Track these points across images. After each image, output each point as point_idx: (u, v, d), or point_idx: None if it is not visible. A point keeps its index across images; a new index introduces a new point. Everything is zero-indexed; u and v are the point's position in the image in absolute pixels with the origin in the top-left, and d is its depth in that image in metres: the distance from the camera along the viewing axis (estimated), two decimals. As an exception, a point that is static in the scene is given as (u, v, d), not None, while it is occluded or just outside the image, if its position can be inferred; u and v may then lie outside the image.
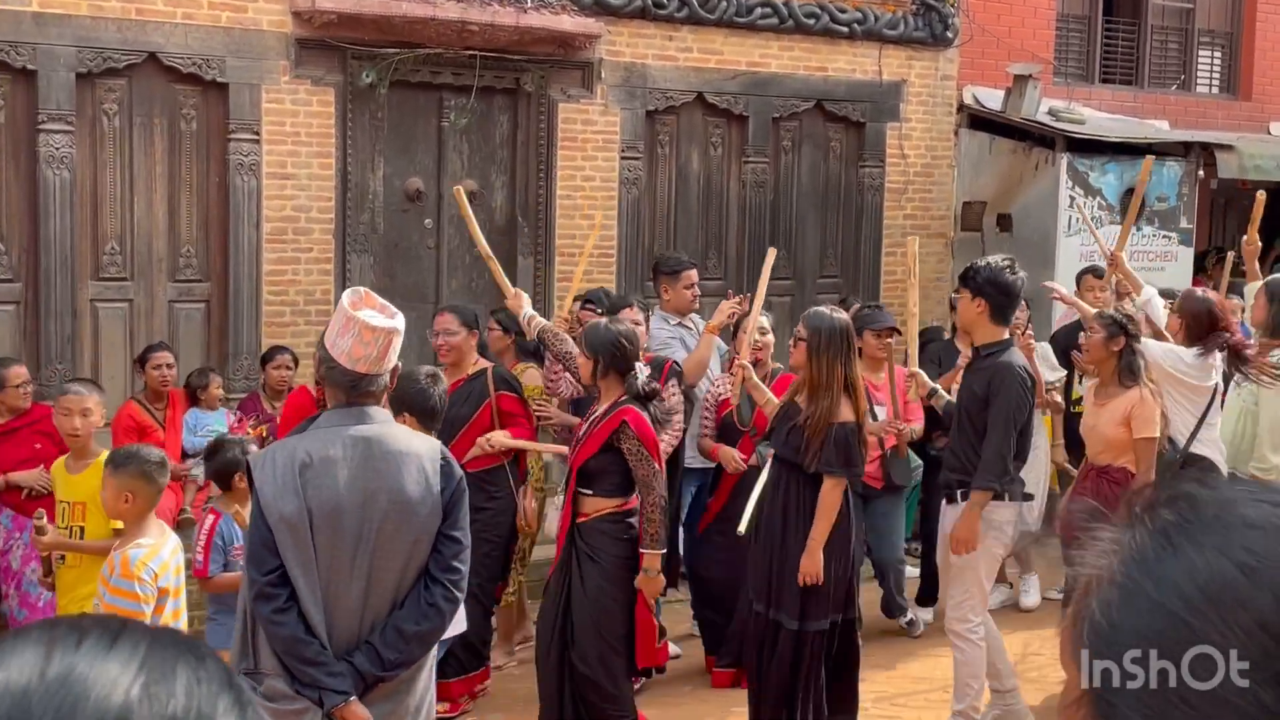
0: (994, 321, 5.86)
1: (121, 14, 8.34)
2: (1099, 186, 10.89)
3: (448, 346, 6.56)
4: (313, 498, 3.68)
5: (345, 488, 3.71)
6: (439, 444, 4.04)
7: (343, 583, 3.73)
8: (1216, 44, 13.43)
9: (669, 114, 10.26)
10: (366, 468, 3.75)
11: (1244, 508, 0.99)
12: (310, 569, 3.69)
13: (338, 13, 8.69)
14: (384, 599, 3.80)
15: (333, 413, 3.85)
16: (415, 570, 3.83)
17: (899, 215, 11.13)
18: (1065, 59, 12.48)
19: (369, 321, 3.75)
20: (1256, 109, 13.31)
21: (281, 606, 3.68)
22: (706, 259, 10.52)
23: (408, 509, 3.78)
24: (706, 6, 10.13)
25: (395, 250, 9.45)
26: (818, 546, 5.66)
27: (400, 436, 3.88)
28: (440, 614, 3.85)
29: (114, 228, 8.60)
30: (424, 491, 3.81)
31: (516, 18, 9.19)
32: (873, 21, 10.80)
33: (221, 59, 8.62)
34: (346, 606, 3.75)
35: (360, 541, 3.73)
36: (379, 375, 3.82)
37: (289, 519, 3.67)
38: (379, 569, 3.76)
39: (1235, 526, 0.97)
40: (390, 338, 3.79)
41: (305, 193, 8.97)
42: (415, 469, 3.80)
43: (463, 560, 3.91)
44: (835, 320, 5.73)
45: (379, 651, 3.76)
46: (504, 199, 9.79)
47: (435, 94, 9.43)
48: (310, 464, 3.70)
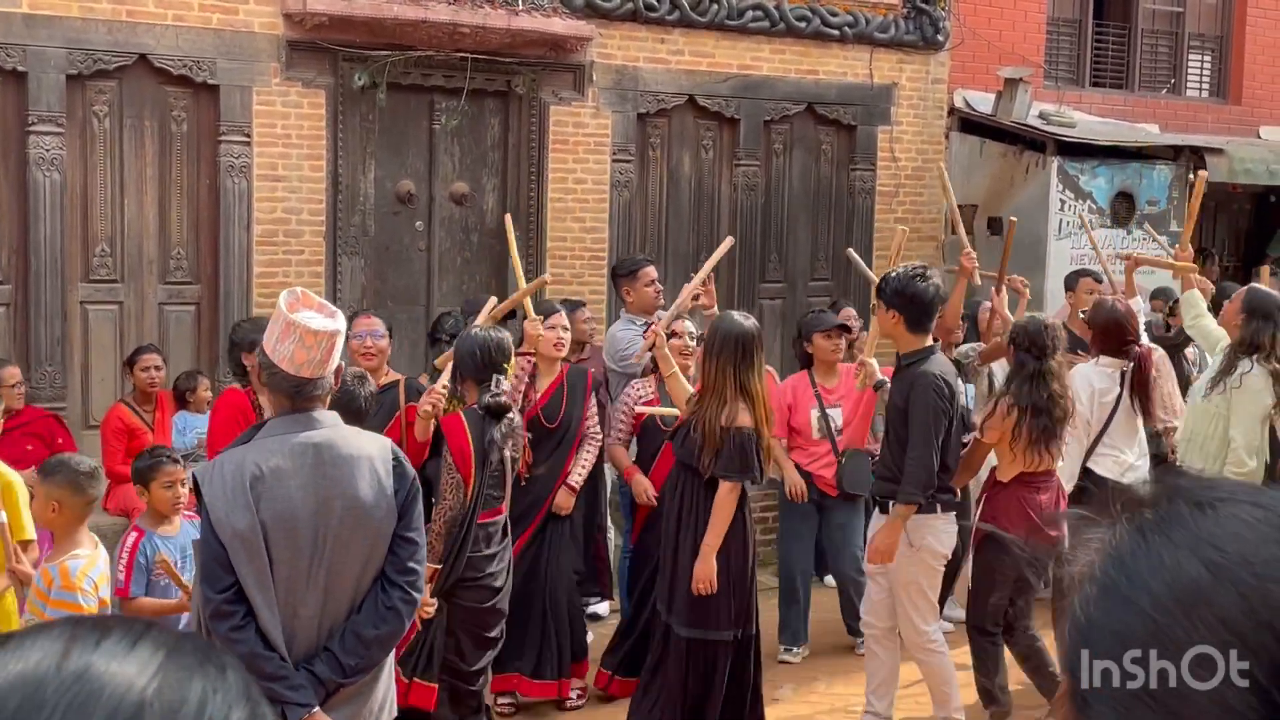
0: (912, 331, 5.79)
1: (112, 15, 8.33)
2: (1089, 190, 10.91)
3: (376, 350, 6.37)
4: (266, 510, 3.60)
5: (298, 498, 3.64)
6: (390, 443, 3.96)
7: (300, 592, 3.67)
8: (1206, 48, 13.47)
9: (660, 117, 10.26)
10: (318, 475, 3.67)
11: (1220, 507, 1.00)
12: (266, 583, 3.62)
13: (329, 15, 8.69)
14: (341, 604, 3.75)
15: (279, 420, 3.76)
16: (372, 574, 3.78)
17: (890, 218, 11.13)
18: (1056, 62, 12.50)
19: (310, 325, 3.65)
20: (1246, 112, 13.34)
21: (238, 624, 3.61)
22: (697, 261, 10.50)
23: (363, 513, 3.72)
24: (698, 9, 10.14)
25: (386, 253, 9.45)
26: (711, 552, 5.59)
27: (350, 439, 3.79)
28: (399, 616, 3.80)
29: (104, 230, 8.58)
30: (378, 494, 3.74)
31: (508, 20, 9.19)
32: (864, 25, 10.81)
33: (212, 61, 8.61)
34: (305, 615, 3.69)
35: (316, 550, 3.67)
36: (323, 378, 3.73)
37: (242, 534, 3.59)
38: (336, 575, 3.71)
39: (1207, 525, 0.98)
40: (333, 339, 3.69)
41: (296, 195, 8.96)
42: (368, 471, 3.73)
43: (419, 561, 3.86)
44: (737, 326, 5.63)
45: (339, 658, 3.71)
46: (495, 201, 9.78)
47: (426, 96, 9.42)
48: (261, 476, 3.61)
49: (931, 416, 5.68)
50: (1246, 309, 6.87)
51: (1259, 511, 0.99)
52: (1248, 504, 1.00)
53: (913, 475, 5.73)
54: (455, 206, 9.65)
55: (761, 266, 10.76)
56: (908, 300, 5.74)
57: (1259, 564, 0.95)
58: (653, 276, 7.74)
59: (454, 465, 5.39)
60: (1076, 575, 1.03)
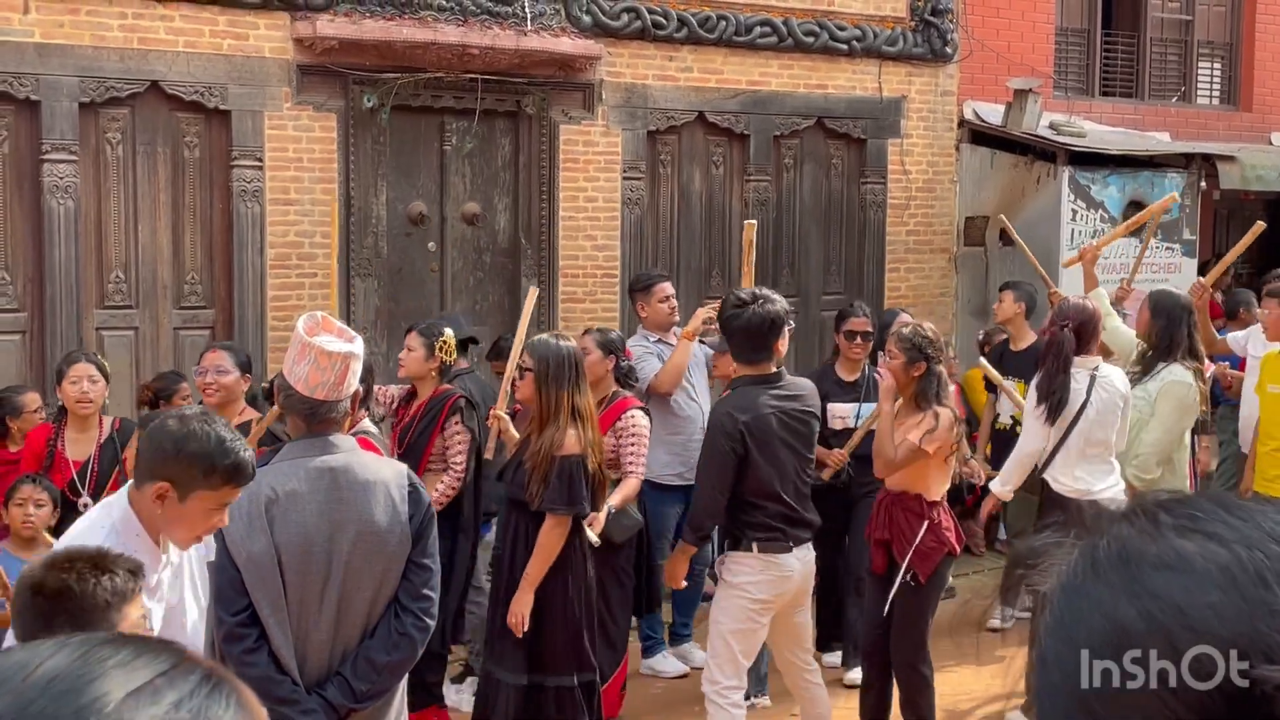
0: (739, 361, 5.57)
1: (123, 44, 8.38)
2: (1101, 199, 10.90)
3: (217, 386, 6.01)
4: (280, 534, 3.62)
5: (313, 522, 3.65)
6: (405, 468, 3.96)
7: (312, 617, 3.69)
8: (1216, 55, 13.45)
9: (670, 134, 10.29)
10: (333, 499, 3.69)
11: (1170, 540, 0.96)
12: (280, 606, 3.63)
13: (339, 39, 8.73)
14: (354, 629, 3.75)
15: (295, 444, 3.79)
16: (385, 599, 3.78)
17: (901, 231, 11.14)
18: (1065, 72, 12.50)
19: (325, 347, 3.68)
20: (1257, 119, 13.31)
21: (251, 647, 3.63)
22: (710, 278, 10.54)
23: (377, 539, 3.72)
24: (706, 26, 10.17)
25: (399, 275, 9.47)
26: (530, 586, 5.34)
27: (367, 464, 3.81)
28: (412, 643, 3.80)
29: (118, 256, 8.62)
30: (392, 520, 3.75)
31: (517, 41, 9.23)
32: (872, 38, 10.83)
33: (223, 86, 8.66)
34: (317, 640, 3.70)
35: (330, 575, 3.68)
36: (338, 401, 3.74)
37: (257, 557, 3.61)
38: (349, 600, 3.71)
39: (1148, 564, 0.95)
40: (348, 362, 3.72)
41: (308, 218, 8.99)
42: (383, 497, 3.74)
43: (433, 587, 3.85)
44: (562, 348, 5.44)
45: (350, 683, 3.71)
46: (507, 221, 9.81)
47: (437, 118, 9.46)
48: (276, 499, 3.64)
49: (715, 458, 5.40)
50: (1153, 311, 6.79)
51: (1210, 546, 0.95)
52: (1202, 535, 0.96)
53: (694, 517, 5.56)
54: (467, 227, 9.68)
55: (774, 281, 10.75)
56: (727, 331, 5.56)
57: (1192, 614, 0.91)
58: (668, 292, 7.76)
59: None
60: (1041, 600, 1.01)
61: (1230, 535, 0.95)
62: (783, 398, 5.54)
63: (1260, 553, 0.94)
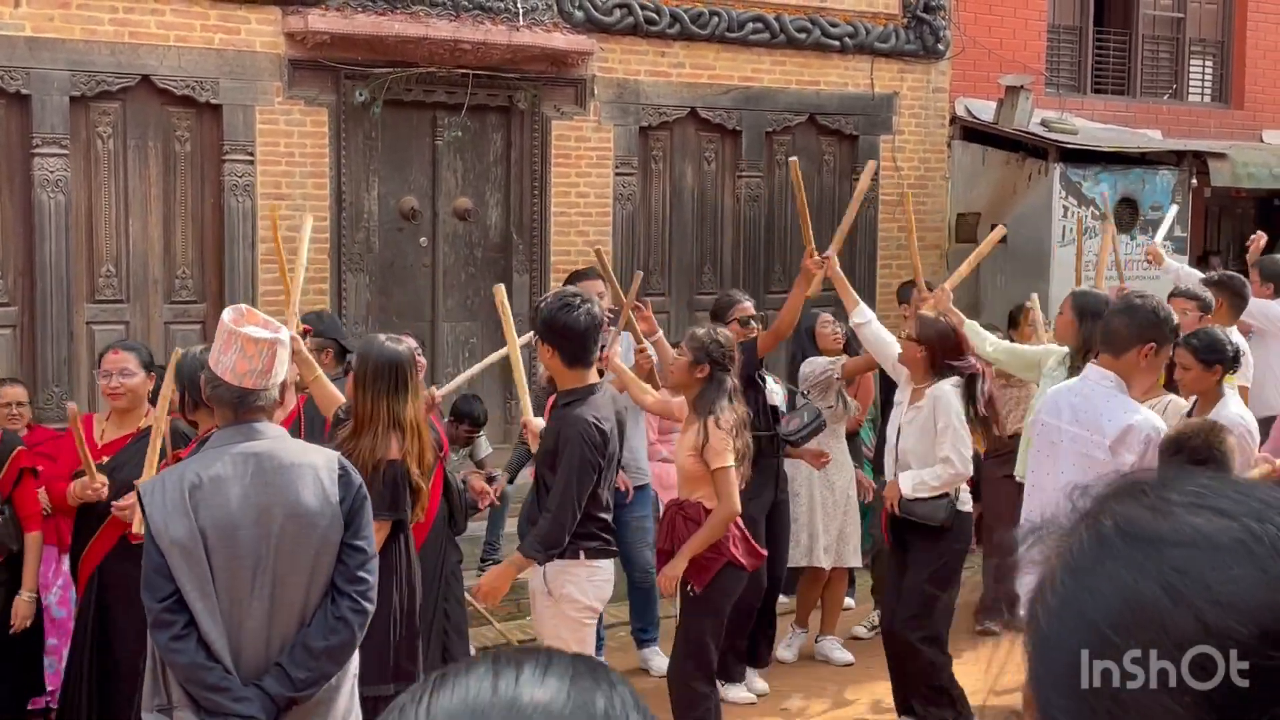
0: (570, 366, 5.18)
1: (114, 37, 8.37)
2: (1092, 196, 10.91)
3: (123, 389, 5.69)
4: (205, 518, 3.60)
5: (238, 505, 3.64)
6: (337, 454, 3.95)
7: (244, 603, 3.65)
8: (1208, 53, 13.48)
9: (662, 129, 10.29)
10: (259, 483, 3.67)
11: (1182, 517, 0.97)
12: (208, 591, 3.60)
13: (330, 33, 8.73)
14: (290, 617, 3.71)
15: (222, 431, 3.79)
16: (321, 585, 3.75)
17: (893, 227, 11.15)
18: (1057, 70, 12.51)
19: (251, 334, 3.70)
20: (1249, 117, 13.34)
21: (179, 633, 3.59)
22: (701, 273, 10.55)
23: (306, 522, 3.70)
24: (698, 22, 10.17)
25: (390, 269, 9.47)
26: None
27: (293, 449, 3.81)
28: (349, 626, 3.76)
29: (109, 250, 8.61)
30: (321, 502, 3.72)
31: (509, 36, 9.23)
32: (864, 35, 10.84)
33: (215, 81, 8.65)
34: (251, 628, 3.66)
35: (259, 559, 3.65)
36: (266, 390, 3.75)
37: (180, 542, 3.58)
38: (282, 586, 3.68)
39: (1167, 541, 0.96)
40: (274, 349, 3.73)
41: (300, 213, 8.96)
42: (311, 480, 3.72)
43: (369, 570, 3.82)
44: (389, 351, 4.99)
45: (288, 671, 3.66)
46: (498, 216, 9.81)
47: (429, 113, 9.45)
48: (200, 484, 3.63)
49: (578, 469, 5.10)
50: (1077, 313, 6.56)
51: (1222, 521, 0.96)
52: (1211, 511, 0.97)
53: (543, 532, 5.15)
54: (459, 222, 9.68)
55: (766, 277, 10.77)
56: (558, 333, 5.13)
57: (1217, 589, 0.93)
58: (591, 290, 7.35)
59: None
60: (1040, 578, 1.01)
61: (1238, 509, 0.97)
62: (614, 399, 5.45)
63: (1271, 525, 0.96)
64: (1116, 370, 5.00)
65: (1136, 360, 5.01)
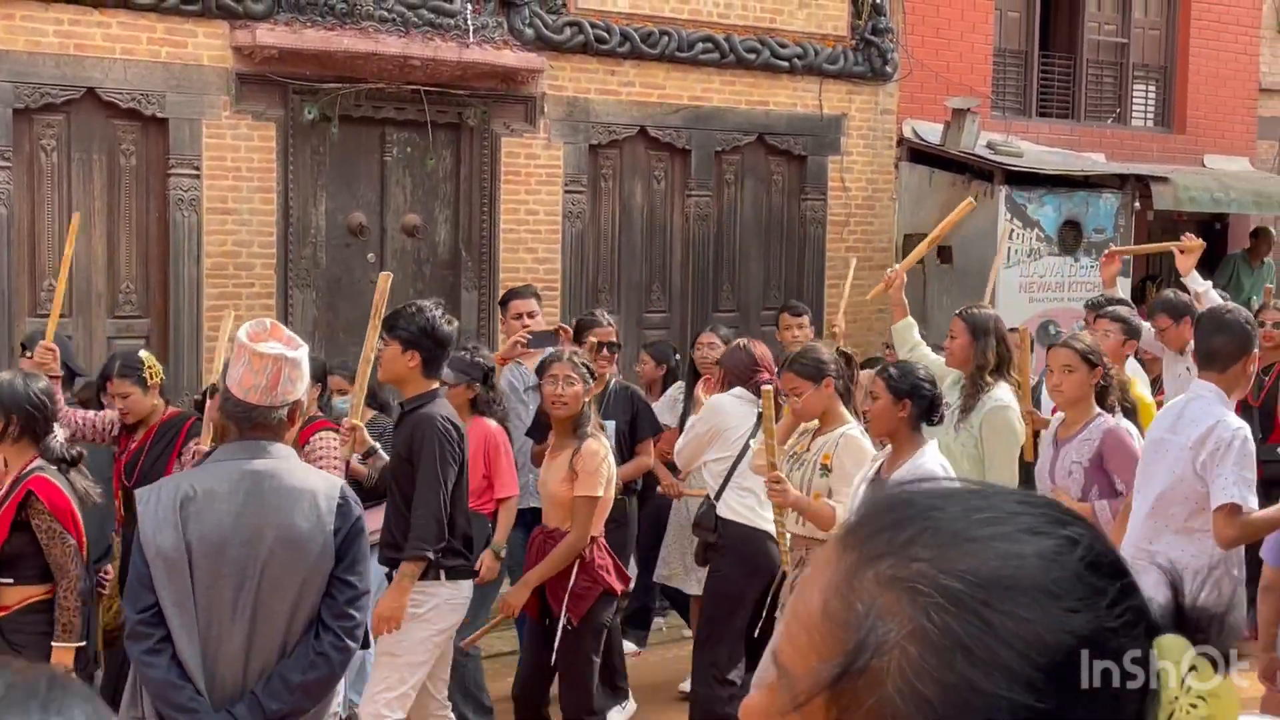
0: (426, 374, 5.20)
1: (59, 49, 8.29)
2: (1037, 218, 11.03)
3: None
4: (193, 532, 3.51)
5: (228, 522, 3.54)
6: (340, 481, 3.84)
7: (224, 624, 3.55)
8: (1151, 78, 13.67)
9: (612, 148, 10.31)
10: (253, 502, 3.57)
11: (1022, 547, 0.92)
12: (186, 607, 3.51)
13: (278, 48, 8.69)
14: (271, 644, 3.60)
15: (226, 446, 3.71)
16: (306, 615, 3.63)
17: (841, 247, 11.22)
18: (1003, 93, 12.65)
19: (257, 349, 3.60)
20: (1190, 141, 13.54)
21: (153, 647, 3.51)
22: (650, 292, 10.57)
23: (295, 547, 3.58)
24: (648, 41, 10.21)
25: (338, 285, 9.42)
26: None
27: (296, 472, 3.69)
28: (329, 663, 3.64)
29: (52, 264, 8.50)
30: (314, 529, 3.60)
31: (459, 53, 9.22)
32: (813, 56, 10.91)
33: (161, 94, 8.59)
34: (229, 651, 3.56)
35: (244, 580, 3.55)
36: (273, 407, 3.63)
37: (165, 553, 3.50)
38: (264, 611, 3.58)
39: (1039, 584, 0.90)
40: (279, 366, 3.61)
41: (246, 228, 8.93)
42: (307, 505, 3.61)
43: (358, 607, 3.69)
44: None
45: (262, 702, 3.56)
46: (447, 233, 9.79)
47: (377, 129, 9.43)
48: (193, 497, 3.54)
49: (440, 462, 5.06)
50: (973, 331, 6.38)
51: (1043, 541, 0.93)
52: (1028, 534, 0.93)
53: (422, 527, 5.04)
54: (407, 238, 9.65)
55: (714, 296, 10.81)
56: (435, 340, 5.15)
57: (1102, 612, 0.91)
58: (517, 310, 7.28)
59: (64, 531, 4.65)
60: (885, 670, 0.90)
61: (1040, 525, 0.94)
62: (450, 407, 5.40)
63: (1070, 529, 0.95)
64: (1221, 385, 5.10)
65: (1242, 371, 5.14)
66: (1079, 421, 5.56)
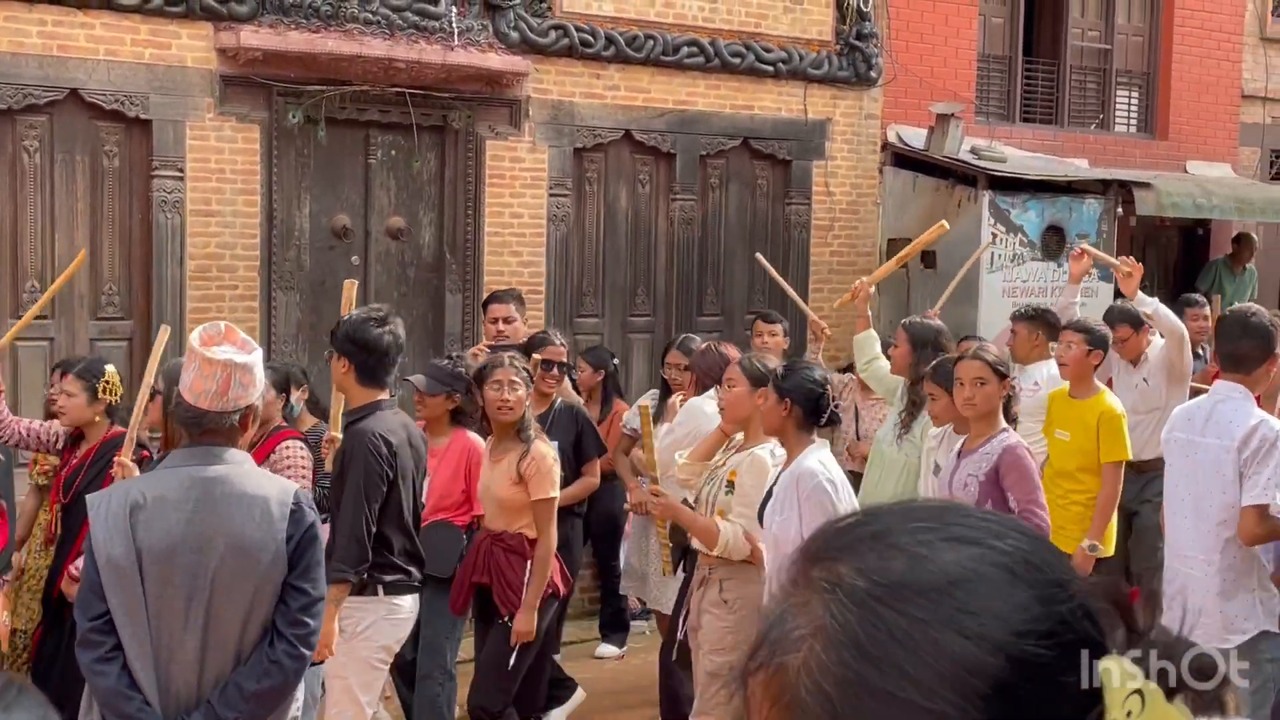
0: (364, 383, 5.11)
1: (42, 50, 8.27)
2: (1020, 224, 11.06)
3: None
4: (143, 540, 3.47)
5: (178, 531, 3.50)
6: (295, 487, 3.78)
7: (176, 633, 3.52)
8: (1134, 84, 13.72)
9: (597, 151, 10.31)
10: (204, 510, 3.53)
11: (939, 557, 0.93)
12: (138, 616, 3.47)
13: (263, 50, 8.67)
14: (225, 654, 3.57)
15: (177, 452, 3.67)
16: (259, 622, 3.61)
17: (825, 252, 11.24)
18: (987, 98, 12.69)
19: (206, 354, 3.56)
20: (1173, 148, 13.58)
21: (104, 656, 3.47)
22: (635, 296, 10.58)
23: (246, 555, 3.55)
24: (633, 45, 10.21)
25: (321, 288, 9.40)
26: None
27: (249, 478, 3.63)
28: (283, 671, 3.62)
29: (34, 265, 8.49)
30: (265, 537, 3.56)
31: (443, 55, 9.22)
32: (798, 61, 10.93)
33: (145, 96, 8.56)
34: (183, 660, 3.53)
35: (194, 589, 3.51)
36: (224, 412, 3.59)
37: (116, 561, 3.46)
38: (217, 619, 3.54)
39: (941, 585, 0.91)
40: (230, 371, 3.56)
41: (230, 230, 8.91)
42: (259, 512, 3.57)
43: (312, 614, 3.66)
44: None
45: (216, 710, 3.53)
46: (431, 236, 9.78)
47: (362, 131, 9.42)
48: (143, 505, 3.50)
49: (364, 480, 4.98)
50: (915, 343, 6.53)
51: (972, 550, 0.93)
52: (956, 542, 0.93)
53: (343, 549, 4.96)
54: (391, 241, 9.64)
55: (699, 300, 10.82)
56: (363, 347, 5.04)
57: (1009, 616, 0.90)
58: (494, 315, 7.45)
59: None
60: (794, 666, 0.92)
61: (977, 535, 0.94)
62: (404, 424, 5.30)
63: (1010, 540, 0.95)
64: (1246, 385, 5.16)
65: (1266, 373, 5.22)
66: (983, 435, 5.45)
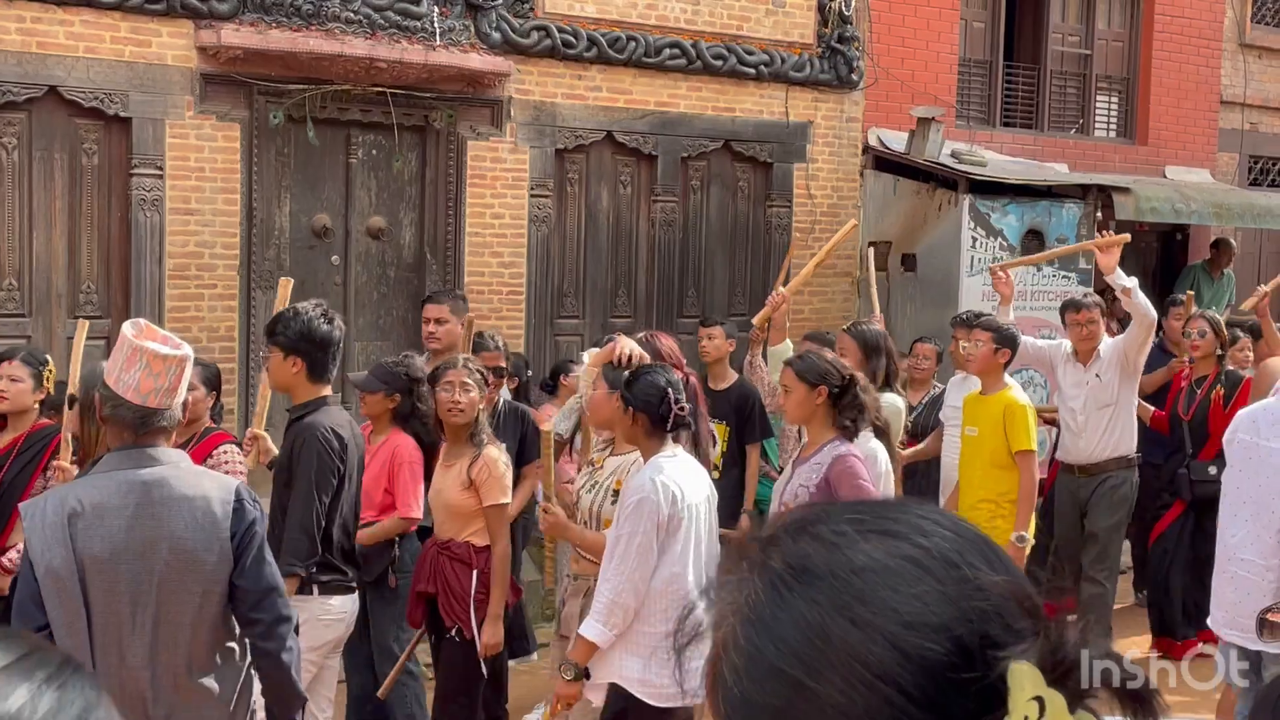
0: (313, 379, 5.02)
1: (21, 47, 8.22)
2: (1000, 227, 11.09)
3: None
4: (83, 549, 3.41)
5: (120, 537, 3.44)
6: (236, 483, 3.72)
7: (124, 639, 3.47)
8: (1114, 89, 13.78)
9: (578, 152, 10.31)
10: (144, 514, 3.46)
11: (853, 547, 0.96)
12: (77, 628, 3.40)
13: (243, 48, 8.64)
14: (176, 656, 3.53)
15: (113, 455, 3.56)
16: (209, 622, 3.57)
17: (806, 255, 11.24)
18: (967, 102, 12.72)
19: (158, 351, 3.50)
20: (1152, 153, 13.65)
21: None
22: (616, 297, 10.57)
23: (190, 558, 3.50)
24: (615, 46, 10.21)
25: (301, 287, 9.33)
26: None
27: (187, 478, 3.57)
28: (274, 660, 3.65)
29: (12, 263, 8.44)
30: (209, 537, 3.52)
31: (425, 55, 9.20)
32: (779, 64, 10.95)
33: (125, 93, 8.53)
34: (132, 665, 3.48)
35: (140, 594, 3.46)
36: (168, 409, 3.55)
37: (55, 571, 3.39)
38: (165, 623, 3.50)
39: (842, 572, 0.94)
40: (182, 365, 3.54)
41: (209, 229, 8.88)
42: (201, 513, 3.51)
43: (263, 608, 3.62)
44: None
45: None
46: (412, 236, 9.76)
47: (343, 130, 9.39)
48: (81, 512, 3.42)
49: (316, 473, 4.90)
50: (865, 348, 6.51)
51: (890, 543, 0.96)
52: (878, 535, 0.97)
53: (294, 543, 4.87)
54: (372, 241, 9.61)
55: (679, 301, 10.82)
56: (317, 344, 4.97)
57: (905, 610, 0.92)
58: (426, 315, 7.18)
59: None
60: (718, 641, 0.98)
61: (903, 528, 0.97)
62: (348, 420, 5.23)
63: (936, 537, 0.97)
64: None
65: None
66: (816, 443, 5.33)
